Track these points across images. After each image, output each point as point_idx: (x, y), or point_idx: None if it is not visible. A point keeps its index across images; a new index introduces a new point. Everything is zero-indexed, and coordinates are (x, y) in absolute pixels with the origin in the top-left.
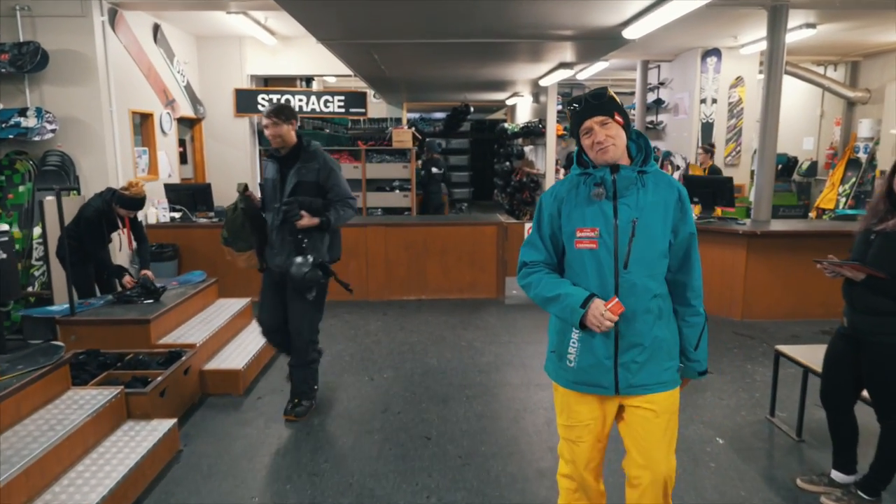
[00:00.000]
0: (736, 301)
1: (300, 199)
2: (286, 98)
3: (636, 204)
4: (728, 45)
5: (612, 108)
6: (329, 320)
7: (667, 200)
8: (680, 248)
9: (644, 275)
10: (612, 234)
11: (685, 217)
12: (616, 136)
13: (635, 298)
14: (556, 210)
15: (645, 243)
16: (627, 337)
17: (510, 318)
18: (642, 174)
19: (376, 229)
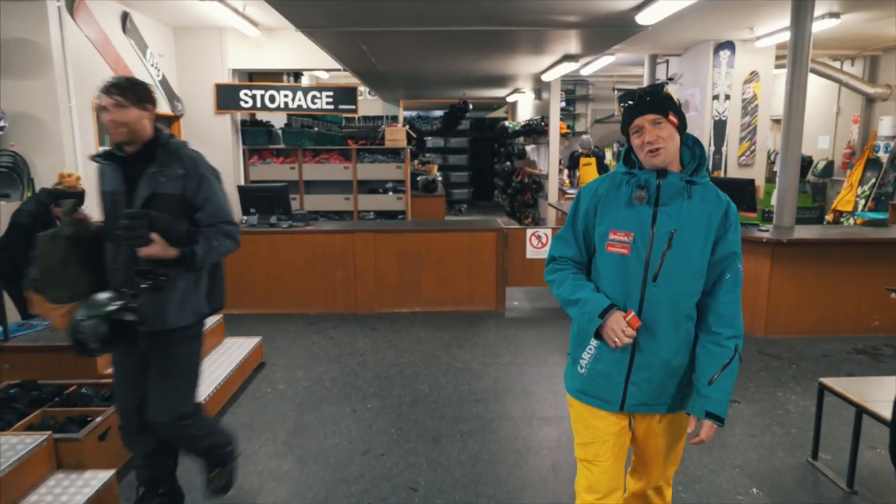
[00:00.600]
0: (759, 316)
1: (153, 215)
2: (270, 94)
3: (678, 215)
4: (742, 38)
5: (666, 107)
6: (312, 337)
7: (711, 215)
8: (716, 268)
9: (673, 291)
10: (647, 242)
11: (728, 235)
12: (668, 137)
13: (660, 315)
14: (594, 207)
15: (680, 258)
16: (645, 354)
17: (511, 334)
18: (690, 184)
19: (365, 236)
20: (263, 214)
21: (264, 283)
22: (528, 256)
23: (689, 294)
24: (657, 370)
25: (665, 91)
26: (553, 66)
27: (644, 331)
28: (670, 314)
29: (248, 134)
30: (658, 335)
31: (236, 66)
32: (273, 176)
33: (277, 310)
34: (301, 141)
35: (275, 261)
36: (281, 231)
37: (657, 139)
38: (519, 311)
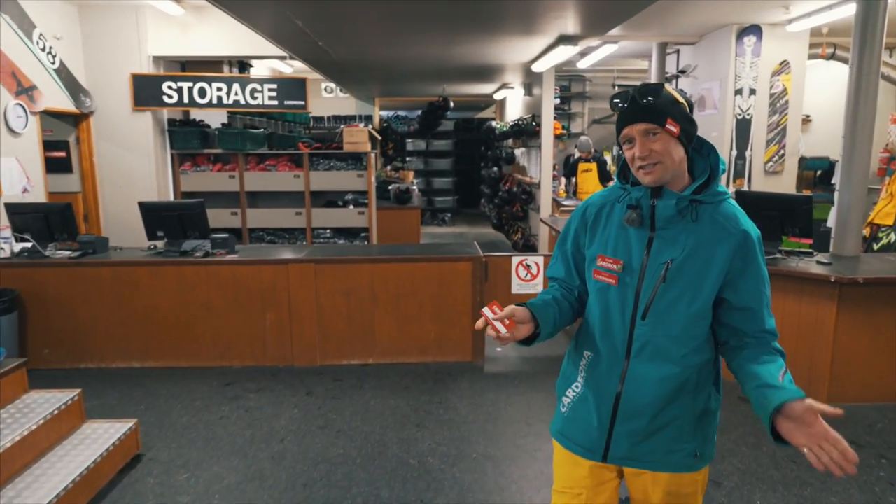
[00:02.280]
0: (820, 376)
1: None
2: (200, 87)
3: (678, 241)
4: (771, 21)
5: (664, 113)
6: (222, 407)
7: (722, 244)
8: (743, 309)
9: (665, 333)
10: (638, 272)
11: (749, 271)
12: (665, 151)
13: (648, 360)
14: (584, 226)
15: (676, 294)
16: (629, 404)
17: (489, 401)
18: (696, 204)
19: (302, 268)
20: (175, 238)
21: (171, 328)
22: (515, 291)
23: (688, 338)
24: (645, 421)
25: (664, 91)
26: (546, 51)
27: (632, 378)
28: (661, 360)
29: (177, 136)
30: (646, 383)
31: (158, 52)
32: (208, 186)
33: (190, 362)
34: (242, 144)
35: (185, 300)
36: (193, 261)
37: (650, 154)
38: (502, 363)
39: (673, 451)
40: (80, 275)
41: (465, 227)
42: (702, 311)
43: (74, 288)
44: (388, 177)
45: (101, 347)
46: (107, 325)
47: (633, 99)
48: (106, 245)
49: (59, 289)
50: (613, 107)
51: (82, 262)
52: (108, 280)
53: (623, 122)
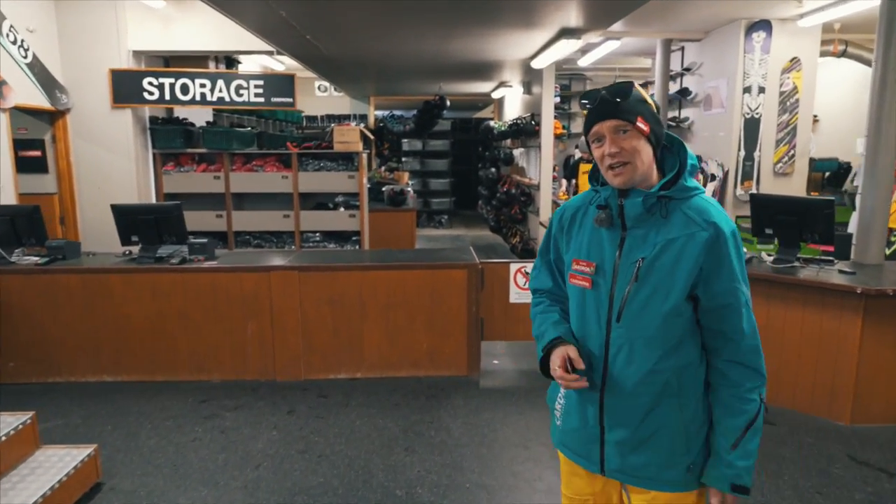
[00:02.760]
0: (842, 395)
1: None
2: (182, 83)
3: (648, 239)
4: (781, 16)
5: (633, 111)
6: (195, 427)
7: (692, 240)
8: (716, 310)
9: (642, 334)
10: (610, 273)
11: (722, 267)
12: (634, 150)
13: (627, 363)
14: (561, 230)
15: (649, 293)
16: (613, 410)
17: (485, 420)
18: (665, 200)
19: (285, 275)
20: (150, 243)
21: (146, 340)
22: (513, 300)
23: (666, 337)
24: (632, 432)
25: (634, 90)
26: (546, 46)
27: (611, 383)
28: (640, 362)
29: (159, 134)
30: (626, 388)
31: (139, 47)
32: (192, 187)
33: (166, 376)
34: (227, 143)
35: (161, 309)
36: (169, 268)
37: (620, 151)
38: (499, 377)
39: (667, 467)
40: (48, 282)
41: (462, 230)
42: (675, 308)
43: (42, 296)
44: (382, 178)
45: (71, 360)
46: (77, 336)
47: (603, 97)
48: (77, 250)
49: (25, 297)
50: (583, 106)
51: (50, 268)
52: (78, 288)
53: (593, 120)
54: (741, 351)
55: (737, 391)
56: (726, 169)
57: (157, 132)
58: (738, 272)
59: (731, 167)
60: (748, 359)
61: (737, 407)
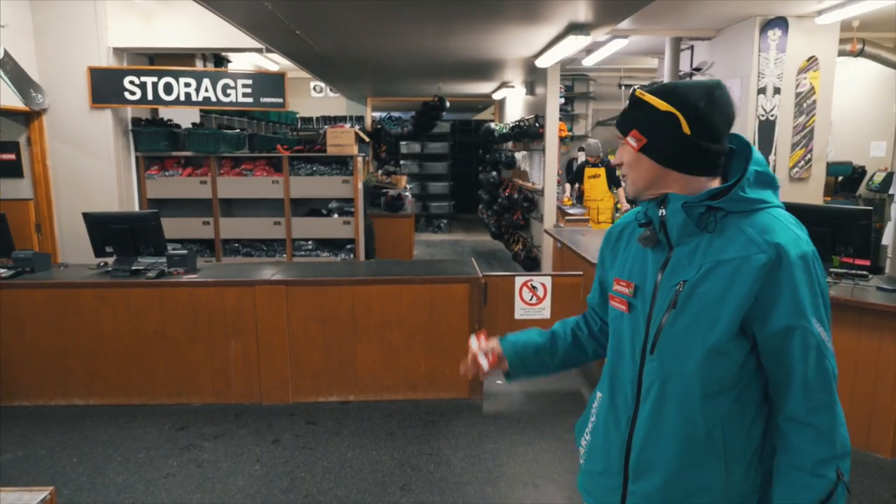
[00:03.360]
0: (882, 425)
1: None
2: (166, 82)
3: (695, 258)
4: (798, 13)
5: (629, 123)
6: (170, 460)
7: (747, 264)
8: (772, 353)
9: (678, 370)
10: (650, 296)
11: (782, 299)
12: (627, 164)
13: (659, 403)
14: (609, 247)
15: (689, 322)
16: (640, 457)
17: (490, 450)
18: (718, 212)
19: (271, 289)
20: (125, 255)
21: (119, 361)
22: (518, 317)
23: (710, 378)
24: (659, 482)
25: (636, 95)
26: (553, 43)
27: (640, 425)
28: (675, 407)
29: (142, 137)
30: (659, 437)
31: (119, 44)
32: (178, 192)
33: (142, 399)
34: (214, 146)
35: (136, 327)
36: (146, 283)
37: (621, 163)
38: (504, 400)
39: None
40: (12, 298)
41: (462, 235)
42: (719, 345)
43: (6, 313)
44: (379, 181)
45: (38, 383)
46: (44, 356)
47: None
48: (47, 262)
49: None
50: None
51: (15, 282)
52: (45, 304)
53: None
54: (805, 407)
55: (798, 460)
56: None
57: (139, 134)
58: (808, 306)
59: None
60: (815, 419)
61: (798, 481)
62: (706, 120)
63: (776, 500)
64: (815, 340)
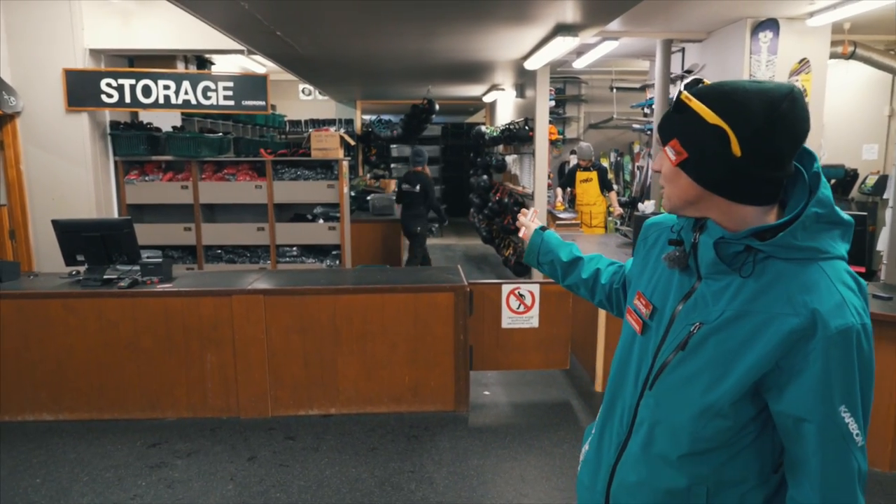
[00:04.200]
0: (881, 438)
1: None
2: (144, 84)
3: (721, 299)
4: (789, 15)
5: (671, 130)
6: (139, 480)
7: (774, 323)
8: (784, 432)
9: (669, 417)
10: (665, 325)
11: (805, 375)
12: (665, 175)
13: (645, 445)
14: (644, 244)
15: (694, 371)
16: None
17: (475, 467)
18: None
19: (249, 299)
20: (98, 263)
21: (91, 374)
22: (505, 326)
23: (690, 437)
24: None
25: (680, 98)
26: (541, 44)
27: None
28: (658, 456)
29: (121, 140)
30: (637, 477)
31: (96, 45)
32: (158, 197)
33: (114, 414)
34: (196, 150)
35: (107, 339)
36: (118, 293)
37: (660, 171)
38: (490, 412)
39: None
40: None
41: (454, 239)
42: (720, 405)
43: None
44: (367, 186)
45: (5, 397)
46: (11, 370)
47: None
48: (16, 271)
49: None
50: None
51: None
52: (12, 315)
53: None
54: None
55: None
56: None
57: (118, 138)
58: (837, 392)
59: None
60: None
61: None
62: (764, 141)
63: None
64: (838, 432)
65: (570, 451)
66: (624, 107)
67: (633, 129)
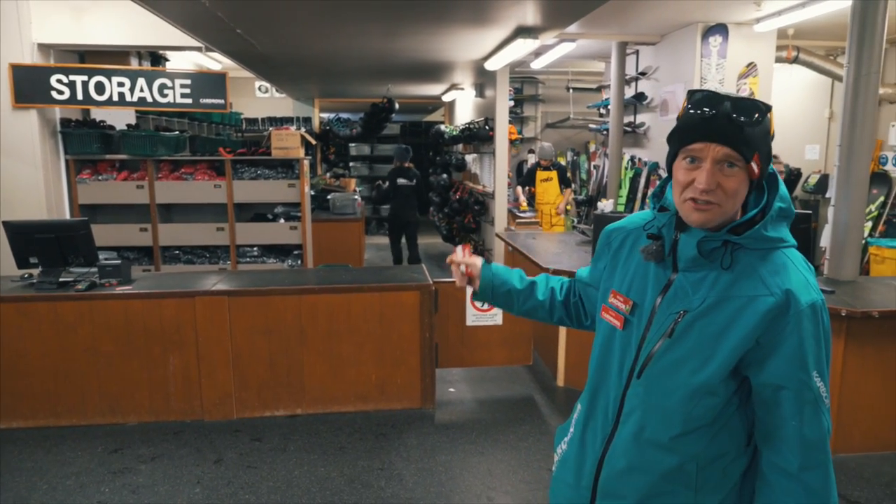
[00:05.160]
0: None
1: None
2: (97, 81)
3: (701, 288)
4: (737, 21)
5: (756, 145)
6: (102, 486)
7: (752, 305)
8: (764, 401)
9: (661, 402)
10: (647, 318)
11: (783, 347)
12: (734, 193)
13: (637, 430)
14: (608, 250)
15: (682, 356)
16: (610, 479)
17: (442, 462)
18: (734, 247)
19: (212, 301)
20: (52, 266)
21: (46, 380)
22: (469, 323)
23: (682, 418)
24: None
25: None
26: (501, 46)
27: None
28: (649, 439)
29: (72, 139)
30: (630, 461)
31: (45, 40)
32: (112, 197)
33: (72, 420)
34: (151, 149)
35: (64, 344)
36: (74, 296)
37: (717, 190)
38: (456, 408)
39: None
40: None
41: None
42: (708, 385)
43: None
44: (327, 185)
45: None
46: None
47: (726, 111)
48: None
49: None
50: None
51: None
52: None
53: (698, 135)
54: (798, 464)
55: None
56: None
57: (69, 136)
58: (811, 359)
59: None
60: (808, 476)
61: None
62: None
63: None
64: (812, 395)
65: (535, 444)
66: (580, 107)
67: (589, 129)
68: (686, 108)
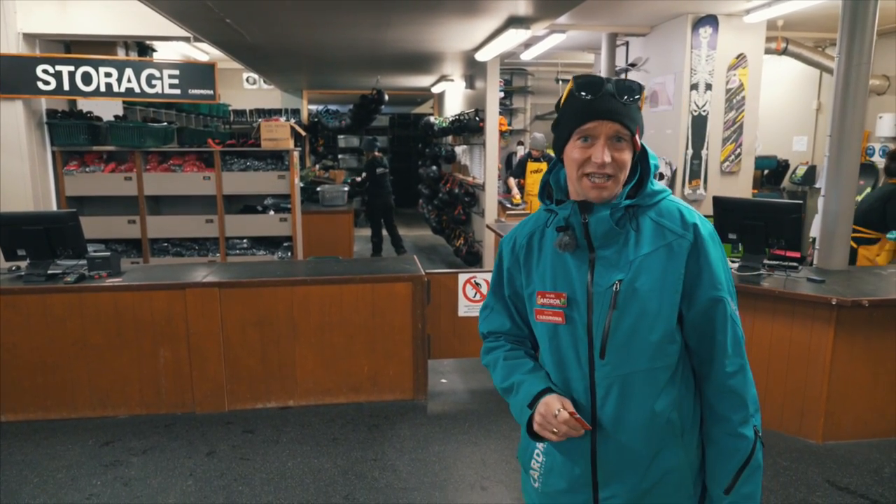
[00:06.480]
0: (813, 412)
1: None
2: (84, 71)
3: (622, 258)
4: (727, 12)
5: (637, 118)
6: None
7: (672, 251)
8: (698, 326)
9: (634, 369)
10: (584, 303)
11: (704, 273)
12: (624, 164)
13: (621, 405)
14: (517, 262)
15: (633, 321)
16: (610, 463)
17: (436, 452)
18: (634, 210)
19: (203, 292)
20: (41, 258)
21: (36, 373)
22: (462, 314)
23: (662, 367)
24: (634, 485)
25: (640, 96)
26: (492, 37)
27: (604, 431)
28: (636, 401)
29: (59, 130)
30: (625, 432)
31: (31, 29)
32: (100, 189)
33: (62, 414)
34: (139, 140)
35: (54, 336)
36: (64, 288)
37: (612, 163)
38: (449, 399)
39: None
40: None
41: (403, 230)
42: (667, 334)
43: None
44: (316, 176)
45: None
46: None
47: (609, 91)
48: None
49: None
50: (578, 94)
51: None
52: None
53: (589, 115)
54: (726, 374)
55: (726, 427)
56: (675, 167)
57: (56, 127)
58: (722, 279)
59: (679, 166)
60: (734, 383)
61: (727, 446)
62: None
63: (714, 466)
64: (730, 310)
65: None
66: None
67: None
68: (571, 92)
